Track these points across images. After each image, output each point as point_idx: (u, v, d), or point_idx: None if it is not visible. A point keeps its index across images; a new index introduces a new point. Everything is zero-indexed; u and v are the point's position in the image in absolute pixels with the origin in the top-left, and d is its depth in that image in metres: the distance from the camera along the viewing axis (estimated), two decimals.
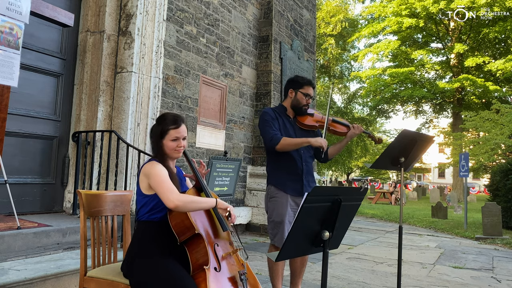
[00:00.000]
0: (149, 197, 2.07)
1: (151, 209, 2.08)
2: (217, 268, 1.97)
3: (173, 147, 2.10)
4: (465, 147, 18.97)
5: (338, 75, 27.06)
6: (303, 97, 3.04)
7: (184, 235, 2.00)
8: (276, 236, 2.96)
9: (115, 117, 4.50)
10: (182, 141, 2.13)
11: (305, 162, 3.07)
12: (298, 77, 3.14)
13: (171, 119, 2.11)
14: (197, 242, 1.99)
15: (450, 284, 4.19)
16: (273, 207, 3.00)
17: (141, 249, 2.03)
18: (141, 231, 2.09)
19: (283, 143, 2.89)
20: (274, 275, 3.00)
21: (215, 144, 6.04)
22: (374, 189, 27.90)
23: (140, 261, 1.99)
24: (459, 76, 21.00)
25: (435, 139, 3.18)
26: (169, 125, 2.09)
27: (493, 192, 9.98)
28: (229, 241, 2.18)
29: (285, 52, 7.37)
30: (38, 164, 4.27)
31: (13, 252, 3.08)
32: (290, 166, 3.02)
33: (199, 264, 1.97)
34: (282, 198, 2.98)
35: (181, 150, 2.14)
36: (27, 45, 4.04)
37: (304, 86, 3.05)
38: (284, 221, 2.93)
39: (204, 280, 1.89)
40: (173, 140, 2.09)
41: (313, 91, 3.10)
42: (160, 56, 4.85)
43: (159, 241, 2.04)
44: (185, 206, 1.93)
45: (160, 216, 2.07)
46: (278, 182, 3.02)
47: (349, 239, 6.78)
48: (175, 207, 1.91)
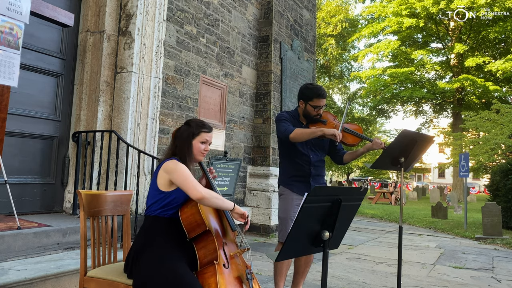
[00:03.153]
0: (164, 194, 2.11)
1: (164, 206, 2.11)
2: (226, 265, 2.00)
3: (201, 149, 2.22)
4: (465, 147, 18.96)
5: (338, 75, 27.06)
6: (312, 109, 3.03)
7: (194, 231, 2.04)
8: (281, 231, 3.05)
9: (115, 117, 4.50)
10: (208, 145, 2.25)
11: (314, 166, 3.10)
12: (308, 89, 3.06)
13: (203, 123, 2.26)
14: (206, 238, 2.03)
15: (450, 284, 4.19)
16: (281, 204, 3.13)
17: (149, 241, 2.06)
18: (150, 225, 2.12)
19: (296, 132, 2.89)
20: (278, 273, 3.05)
21: (215, 144, 6.04)
22: (374, 189, 27.89)
23: (147, 253, 2.01)
24: (459, 76, 21.00)
25: (435, 139, 3.18)
26: (201, 127, 2.23)
27: (493, 192, 9.98)
28: (235, 242, 2.23)
29: (285, 52, 7.36)
30: (38, 164, 4.27)
31: (13, 252, 3.07)
32: (297, 169, 3.08)
33: (207, 260, 2.00)
34: (288, 195, 3.07)
35: (205, 154, 2.26)
36: (27, 45, 4.04)
37: (313, 99, 3.00)
38: (288, 217, 3.00)
39: (213, 275, 1.91)
40: (202, 142, 2.22)
41: (324, 101, 3.04)
42: (160, 56, 4.85)
43: (167, 235, 2.07)
44: (209, 200, 2.03)
45: (170, 214, 2.12)
46: (286, 182, 3.13)
47: (349, 239, 6.78)
48: (201, 197, 2.00)
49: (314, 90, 3.02)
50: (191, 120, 2.29)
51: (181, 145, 2.20)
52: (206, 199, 2.01)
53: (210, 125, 2.29)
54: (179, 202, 2.11)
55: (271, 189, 6.61)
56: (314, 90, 3.02)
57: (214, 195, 2.06)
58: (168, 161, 2.13)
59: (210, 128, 2.27)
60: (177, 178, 2.05)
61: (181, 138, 2.21)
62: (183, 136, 2.21)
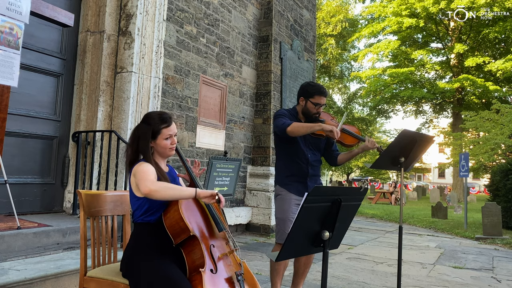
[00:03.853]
0: (142, 199, 2.04)
1: (145, 211, 2.06)
2: (213, 269, 1.96)
3: (167, 145, 2.10)
4: (465, 147, 18.95)
5: (338, 75, 27.07)
6: (313, 106, 3.01)
7: (179, 237, 1.98)
8: (279, 232, 3.02)
9: (115, 117, 4.50)
10: (174, 137, 2.13)
11: (311, 166, 3.08)
12: (309, 86, 3.06)
13: (160, 118, 2.09)
14: (193, 244, 1.97)
15: (450, 284, 4.18)
16: (278, 204, 3.09)
17: (138, 251, 2.02)
18: (137, 233, 2.08)
19: (294, 125, 2.87)
20: (275, 273, 3.03)
21: (215, 144, 6.04)
22: (374, 189, 27.88)
23: (137, 263, 1.98)
24: (459, 76, 20.98)
25: (435, 139, 3.18)
26: (160, 124, 2.08)
27: (493, 192, 9.98)
28: (226, 241, 2.16)
29: (285, 52, 7.36)
30: (38, 164, 4.27)
31: (13, 252, 3.07)
32: (295, 168, 3.06)
33: (195, 266, 1.95)
34: (286, 196, 3.04)
35: (174, 148, 2.15)
36: (27, 45, 4.03)
37: (314, 96, 2.99)
38: (287, 217, 2.97)
39: (200, 283, 1.87)
40: (166, 138, 2.09)
41: (324, 99, 3.03)
42: (160, 56, 4.85)
43: (155, 242, 2.02)
44: (160, 192, 1.87)
45: (155, 218, 2.05)
46: (283, 182, 3.09)
47: (349, 239, 6.78)
48: (149, 191, 1.86)
49: (316, 87, 3.03)
50: (147, 116, 2.13)
51: (143, 147, 2.07)
52: (156, 191, 1.86)
53: (168, 115, 2.12)
54: (159, 206, 2.03)
55: (271, 189, 6.61)
56: (316, 87, 3.03)
57: (166, 186, 1.90)
58: (136, 165, 2.05)
59: (170, 120, 2.11)
60: (136, 180, 1.96)
61: (140, 139, 2.08)
62: (142, 137, 2.08)
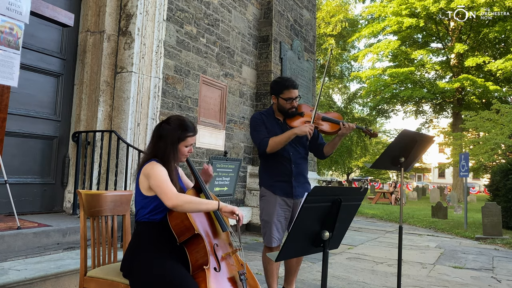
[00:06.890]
0: (149, 198, 2.06)
1: (151, 210, 2.07)
2: (217, 268, 1.97)
3: (185, 152, 2.16)
4: (465, 147, 18.96)
5: (338, 75, 27.07)
6: (285, 102, 2.96)
7: (183, 235, 2.00)
8: (265, 235, 3.00)
9: (115, 117, 4.50)
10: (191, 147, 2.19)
11: (295, 164, 3.04)
12: (276, 82, 3.02)
13: (191, 127, 2.15)
14: (197, 242, 1.99)
15: (450, 284, 4.19)
16: (263, 206, 3.06)
17: (141, 249, 2.03)
18: (141, 232, 2.09)
19: (271, 144, 2.89)
20: (269, 275, 3.03)
21: (215, 144, 6.04)
22: (374, 189, 27.88)
23: (140, 261, 1.98)
24: (459, 76, 20.99)
25: (435, 139, 3.19)
26: (189, 131, 2.13)
27: (493, 192, 9.98)
28: (229, 242, 2.19)
29: (285, 52, 7.36)
30: (38, 164, 4.26)
31: (13, 252, 3.07)
32: (278, 168, 3.02)
33: (199, 264, 1.96)
34: (271, 197, 3.01)
35: (188, 155, 2.20)
36: (27, 45, 4.03)
37: (283, 91, 2.94)
38: (272, 220, 2.95)
39: (204, 280, 1.89)
40: (186, 146, 2.14)
41: (296, 91, 2.95)
42: (160, 56, 4.85)
43: (159, 241, 2.03)
44: (183, 206, 1.92)
45: (160, 217, 2.06)
46: (267, 183, 3.05)
47: (349, 239, 6.78)
48: (174, 206, 1.91)
49: (282, 82, 2.98)
50: (180, 120, 2.15)
51: (165, 148, 2.09)
52: (179, 206, 1.90)
53: (194, 125, 2.18)
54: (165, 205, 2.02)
55: None
56: (282, 82, 2.98)
57: (190, 200, 1.94)
58: (147, 164, 2.06)
59: (196, 130, 2.17)
60: (153, 184, 1.98)
61: (165, 141, 2.09)
62: (168, 139, 2.09)
